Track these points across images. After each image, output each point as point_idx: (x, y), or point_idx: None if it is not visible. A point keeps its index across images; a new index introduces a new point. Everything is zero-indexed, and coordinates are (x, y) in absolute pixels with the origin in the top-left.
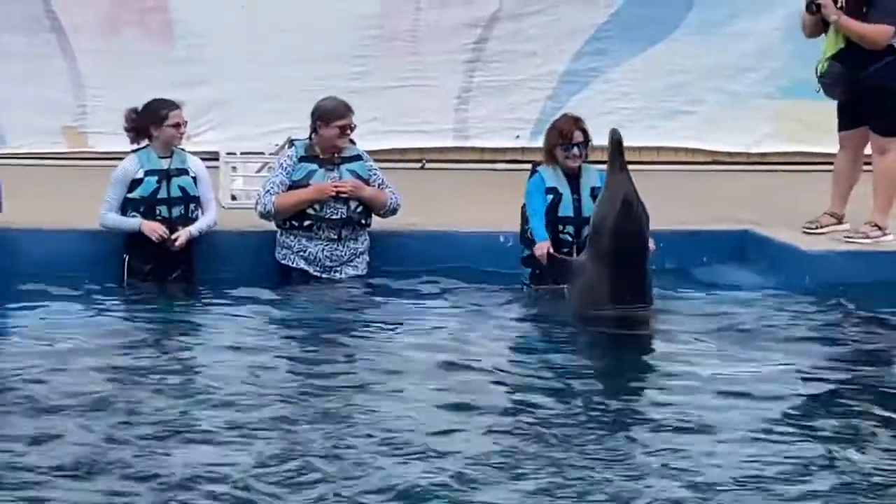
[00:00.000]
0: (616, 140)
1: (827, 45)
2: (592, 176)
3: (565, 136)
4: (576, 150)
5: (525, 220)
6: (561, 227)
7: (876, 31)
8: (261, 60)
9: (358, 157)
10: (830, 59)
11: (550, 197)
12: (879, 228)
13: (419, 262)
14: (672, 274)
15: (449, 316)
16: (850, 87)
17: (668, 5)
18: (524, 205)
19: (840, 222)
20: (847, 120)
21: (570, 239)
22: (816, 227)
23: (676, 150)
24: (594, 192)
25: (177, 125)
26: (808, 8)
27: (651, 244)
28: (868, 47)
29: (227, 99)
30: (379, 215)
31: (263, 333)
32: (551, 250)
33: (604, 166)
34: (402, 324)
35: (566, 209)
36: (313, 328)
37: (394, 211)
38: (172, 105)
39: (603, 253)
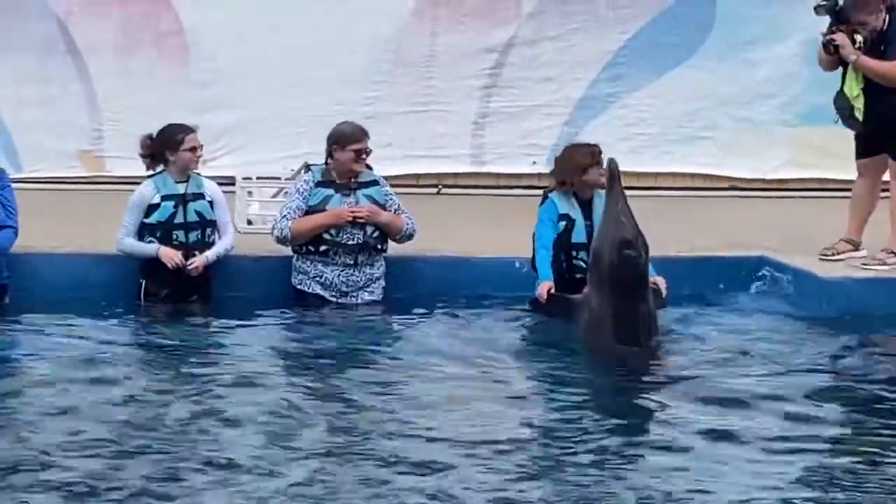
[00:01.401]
0: (613, 170)
1: (849, 84)
2: (600, 204)
3: (595, 156)
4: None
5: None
6: (574, 254)
7: (895, 69)
8: (277, 85)
9: (374, 183)
10: (863, 98)
11: (563, 224)
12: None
13: (435, 288)
14: (688, 300)
15: (465, 341)
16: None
17: (685, 31)
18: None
19: (857, 249)
20: (865, 147)
21: (583, 265)
22: (833, 254)
23: (693, 175)
24: None
25: (193, 149)
26: (825, 48)
27: (662, 285)
28: (888, 85)
29: (244, 123)
30: (395, 241)
31: (279, 358)
32: (552, 290)
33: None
34: (417, 349)
35: (579, 235)
36: (329, 353)
37: (410, 236)
38: (188, 129)
39: (603, 286)
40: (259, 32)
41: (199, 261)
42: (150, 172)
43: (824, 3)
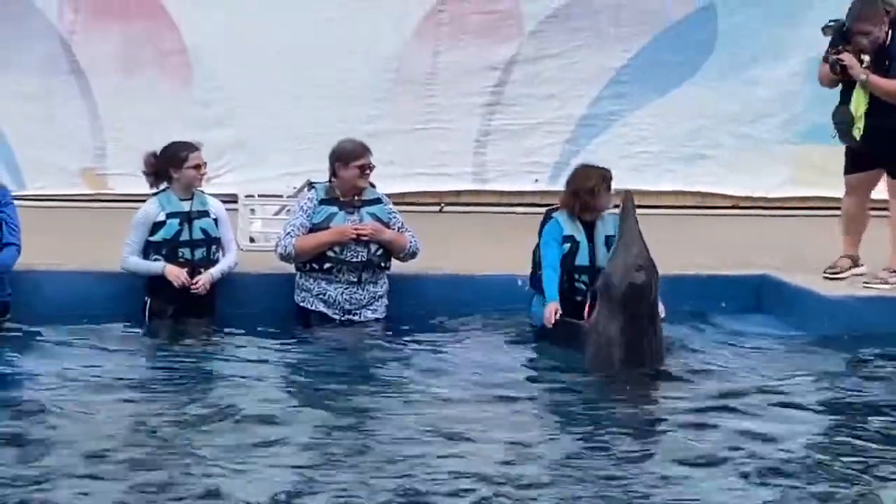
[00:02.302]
0: (627, 200)
1: (856, 102)
2: (608, 224)
3: (607, 180)
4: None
5: (536, 264)
6: (576, 276)
7: None
8: (279, 103)
9: (378, 201)
10: (864, 116)
11: (567, 245)
12: None
13: (438, 306)
14: (690, 318)
15: (467, 359)
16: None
17: (687, 50)
18: (536, 249)
19: (856, 265)
20: (857, 163)
21: (584, 288)
22: (838, 272)
23: (695, 194)
24: (608, 241)
25: (197, 167)
26: (832, 68)
27: (661, 311)
28: (894, 102)
29: (246, 141)
30: (398, 259)
31: (282, 377)
32: (560, 314)
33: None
34: (420, 367)
35: (582, 258)
36: (332, 372)
37: (413, 255)
38: (192, 147)
39: (613, 311)
40: (261, 50)
41: (204, 279)
42: (154, 190)
43: (832, 23)
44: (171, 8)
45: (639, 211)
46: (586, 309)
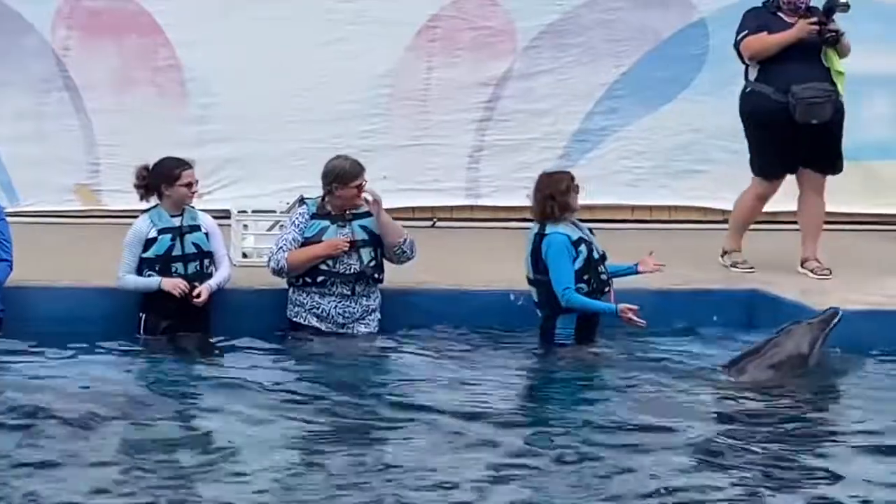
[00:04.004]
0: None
1: (833, 63)
2: (579, 222)
3: (574, 178)
4: None
5: (545, 285)
6: (601, 270)
7: None
8: (272, 119)
9: (368, 214)
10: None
11: (583, 248)
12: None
13: (430, 321)
14: (682, 333)
15: (459, 374)
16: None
17: (679, 65)
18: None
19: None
20: (783, 166)
21: (607, 276)
22: (739, 262)
23: (688, 208)
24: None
25: (189, 185)
26: (826, 41)
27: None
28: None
29: (239, 157)
30: (393, 256)
31: (276, 392)
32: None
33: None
34: (413, 382)
35: (596, 251)
36: (325, 386)
37: (409, 251)
38: (185, 164)
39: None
40: (255, 67)
41: (204, 289)
42: (145, 206)
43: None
44: (164, 25)
45: (631, 226)
46: (611, 294)
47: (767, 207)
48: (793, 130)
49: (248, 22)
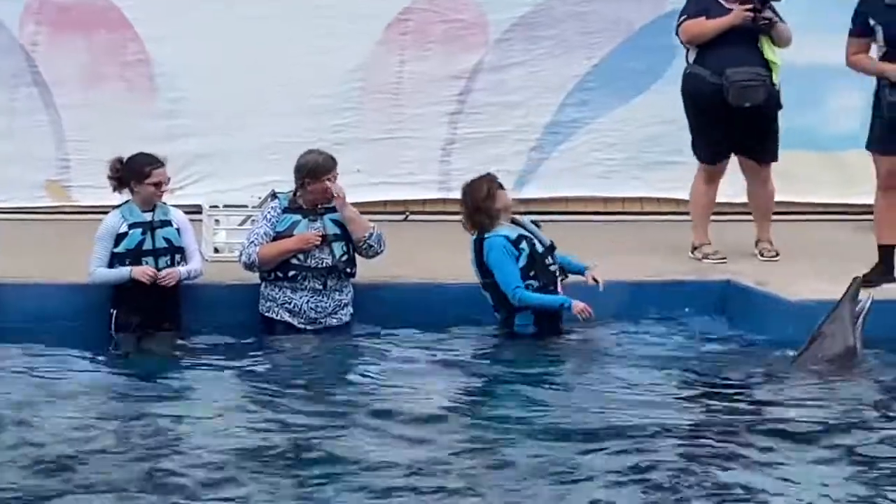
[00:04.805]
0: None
1: (769, 50)
2: (521, 218)
3: (493, 178)
4: None
5: (495, 288)
6: (547, 261)
7: None
8: (244, 114)
9: None
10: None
11: (524, 245)
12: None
13: (403, 314)
14: (655, 324)
15: (433, 367)
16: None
17: (651, 57)
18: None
19: None
20: (721, 151)
21: (555, 267)
22: (710, 254)
23: (660, 200)
24: (536, 225)
25: (158, 184)
26: (762, 29)
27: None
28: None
29: (210, 152)
30: (361, 250)
31: (248, 387)
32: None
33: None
34: (385, 375)
35: (540, 245)
36: (297, 381)
37: (378, 245)
38: (156, 163)
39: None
40: (225, 62)
41: (172, 270)
42: (117, 202)
43: None
44: (133, 19)
45: (604, 218)
46: (559, 285)
47: (738, 198)
48: (727, 113)
49: (217, 16)
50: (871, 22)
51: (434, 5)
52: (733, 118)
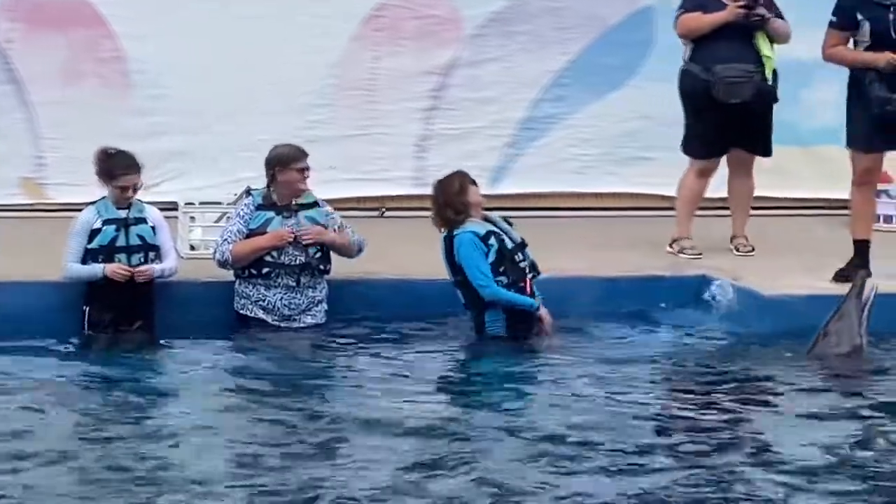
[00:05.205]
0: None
1: (763, 47)
2: (491, 215)
3: (465, 174)
4: None
5: (466, 285)
6: (517, 258)
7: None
8: (218, 111)
9: (315, 204)
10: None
11: (493, 241)
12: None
13: (378, 310)
14: (632, 319)
15: (409, 364)
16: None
17: (625, 52)
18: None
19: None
20: (713, 147)
21: (526, 264)
22: (686, 249)
23: (635, 195)
24: (507, 222)
25: (124, 188)
26: (754, 24)
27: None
28: (781, 43)
29: (186, 150)
30: (346, 255)
31: (220, 385)
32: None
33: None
34: (360, 372)
35: (510, 241)
36: (271, 379)
37: (360, 249)
38: (129, 168)
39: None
40: (201, 58)
41: (146, 267)
42: (92, 199)
43: None
44: (109, 17)
45: (579, 213)
46: (528, 284)
47: (719, 192)
48: (718, 110)
49: (191, 13)
50: (859, 16)
51: (408, 1)
52: (724, 115)
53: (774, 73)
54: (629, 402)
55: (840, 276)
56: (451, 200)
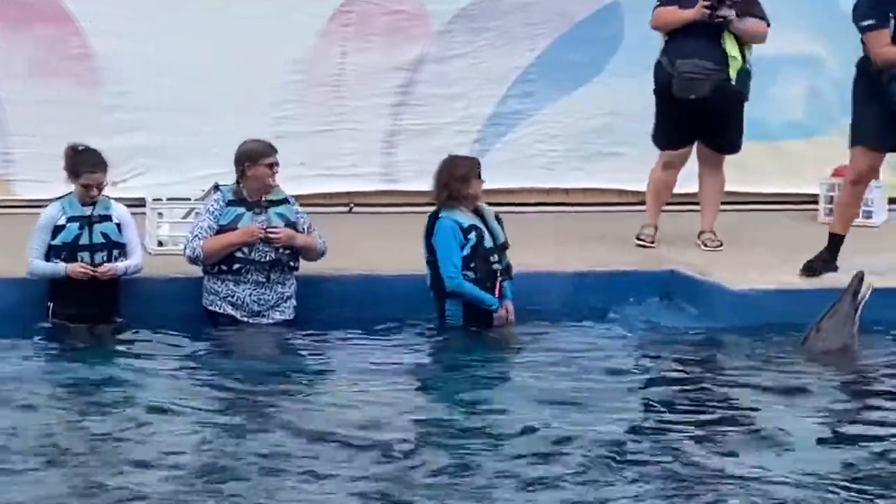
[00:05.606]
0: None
1: (730, 46)
2: (486, 208)
3: (476, 167)
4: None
5: (435, 266)
6: (491, 259)
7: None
8: (187, 107)
9: (285, 201)
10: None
11: (474, 234)
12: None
13: (346, 306)
14: (599, 314)
15: (378, 359)
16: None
17: (593, 48)
18: (431, 256)
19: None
20: (679, 138)
21: (499, 267)
22: (649, 241)
23: (604, 191)
24: (499, 221)
25: (89, 186)
26: (717, 24)
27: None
28: (753, 42)
29: (154, 145)
30: (309, 259)
31: (189, 381)
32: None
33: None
34: (329, 368)
35: (489, 241)
36: (239, 375)
37: (322, 255)
38: (95, 167)
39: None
40: (167, 55)
41: (109, 266)
42: (59, 195)
43: None
44: (76, 13)
45: (548, 209)
46: (497, 286)
47: (683, 189)
48: (677, 104)
49: (159, 9)
50: (890, 15)
51: None
52: (684, 109)
53: (745, 73)
54: (594, 397)
55: (808, 269)
56: (451, 183)
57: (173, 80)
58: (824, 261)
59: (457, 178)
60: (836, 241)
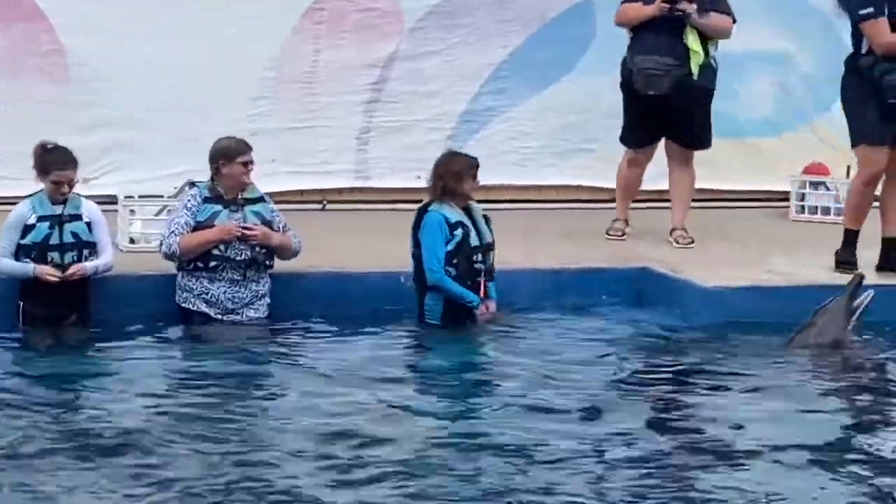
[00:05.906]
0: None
1: (692, 41)
2: (476, 207)
3: (473, 167)
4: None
5: (419, 259)
6: (475, 258)
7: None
8: (159, 104)
9: (261, 199)
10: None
11: (460, 231)
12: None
13: (320, 304)
14: (571, 312)
15: (350, 357)
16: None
17: (565, 46)
18: (416, 249)
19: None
20: (645, 136)
21: (482, 266)
22: (620, 234)
23: (576, 188)
24: (486, 221)
25: (58, 183)
26: (677, 19)
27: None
28: (716, 37)
29: (125, 143)
30: (283, 258)
31: (161, 379)
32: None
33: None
34: (302, 365)
35: (475, 239)
36: (213, 372)
37: (296, 254)
38: (65, 165)
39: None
40: (140, 52)
41: (79, 266)
42: (30, 193)
43: None
44: (46, 10)
45: (520, 206)
46: (482, 285)
47: (653, 185)
48: (640, 100)
49: (131, 5)
50: (885, 2)
51: None
52: (646, 106)
53: (708, 67)
54: (564, 396)
55: (844, 265)
56: (445, 177)
57: (145, 76)
58: (849, 254)
59: (451, 174)
60: (851, 236)
